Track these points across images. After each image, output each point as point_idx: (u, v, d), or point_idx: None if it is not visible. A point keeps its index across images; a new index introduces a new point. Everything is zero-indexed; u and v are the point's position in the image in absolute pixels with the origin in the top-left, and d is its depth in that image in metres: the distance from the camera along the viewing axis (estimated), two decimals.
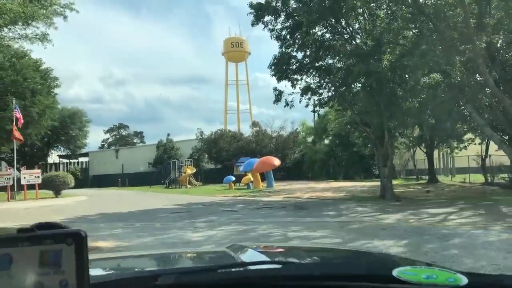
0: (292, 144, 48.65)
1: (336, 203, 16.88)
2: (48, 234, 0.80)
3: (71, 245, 0.79)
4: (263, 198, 20.37)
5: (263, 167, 29.61)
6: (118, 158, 58.69)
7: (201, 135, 50.88)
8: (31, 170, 25.05)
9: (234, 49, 74.98)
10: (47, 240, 0.79)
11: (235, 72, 77.46)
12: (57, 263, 0.79)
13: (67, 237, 0.80)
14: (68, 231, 0.81)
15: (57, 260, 0.79)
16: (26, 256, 0.78)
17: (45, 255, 0.79)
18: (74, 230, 0.81)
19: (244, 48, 75.82)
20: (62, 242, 0.79)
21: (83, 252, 0.80)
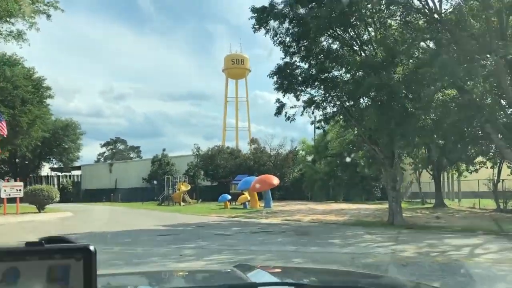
0: (291, 162, 47.09)
1: (341, 229, 15.27)
2: (57, 249, 0.79)
3: (80, 260, 0.77)
4: (260, 220, 18.73)
5: (261, 186, 27.99)
6: (111, 172, 56.96)
7: (197, 151, 49.32)
8: (13, 183, 23.41)
9: (235, 66, 74.12)
10: (56, 254, 0.77)
11: (235, 89, 76.44)
12: (65, 278, 0.76)
13: (76, 252, 0.78)
14: (77, 245, 0.79)
15: (65, 275, 0.76)
16: (34, 270, 0.76)
17: (53, 270, 0.76)
18: (83, 244, 0.78)
19: (244, 65, 74.95)
20: (70, 257, 0.77)
21: (92, 268, 0.77)
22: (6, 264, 0.77)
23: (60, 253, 0.78)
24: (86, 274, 0.77)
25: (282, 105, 18.66)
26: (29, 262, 0.77)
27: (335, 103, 18.81)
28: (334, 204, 34.51)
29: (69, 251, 0.78)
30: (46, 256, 0.77)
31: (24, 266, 0.77)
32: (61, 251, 0.78)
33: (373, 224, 16.95)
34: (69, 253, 0.78)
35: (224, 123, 76.60)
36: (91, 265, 0.78)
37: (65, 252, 0.78)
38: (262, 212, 23.59)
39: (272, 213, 23.17)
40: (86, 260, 0.78)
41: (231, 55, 74.88)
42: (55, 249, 0.79)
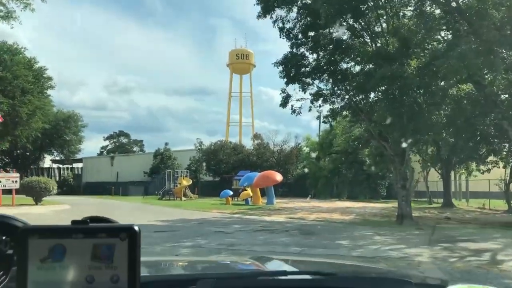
0: (295, 159, 46.28)
1: (348, 228, 14.48)
2: (102, 228, 0.80)
3: (124, 240, 0.78)
4: (262, 218, 17.96)
5: (264, 182, 27.24)
6: (113, 165, 56.29)
7: (200, 146, 48.60)
8: (8, 174, 22.68)
9: (239, 61, 73.59)
10: (101, 233, 0.78)
11: (239, 84, 75.82)
12: (109, 257, 0.78)
13: (121, 232, 0.78)
14: (122, 225, 0.80)
15: (109, 254, 0.78)
16: (79, 248, 0.78)
17: (97, 248, 0.78)
18: (128, 225, 0.79)
19: (249, 60, 74.34)
20: (115, 236, 0.78)
21: (136, 248, 0.78)
22: (53, 240, 0.78)
23: (105, 232, 0.78)
24: (131, 253, 0.78)
25: (288, 96, 17.87)
26: (75, 239, 0.78)
27: (344, 97, 18.02)
28: (338, 202, 33.74)
29: (114, 230, 0.79)
30: (92, 235, 0.78)
31: (70, 244, 0.78)
32: (106, 230, 0.79)
33: (381, 224, 16.15)
34: (114, 233, 0.78)
35: (228, 119, 75.98)
36: (135, 245, 0.78)
37: (110, 231, 0.79)
38: (265, 209, 22.83)
39: (275, 210, 22.41)
40: (131, 240, 0.78)
41: (236, 50, 74.16)
42: (101, 228, 0.80)
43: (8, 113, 33.80)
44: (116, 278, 0.78)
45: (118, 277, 0.78)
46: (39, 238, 0.79)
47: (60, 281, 0.79)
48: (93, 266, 0.78)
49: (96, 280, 0.78)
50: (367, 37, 16.23)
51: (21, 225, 0.91)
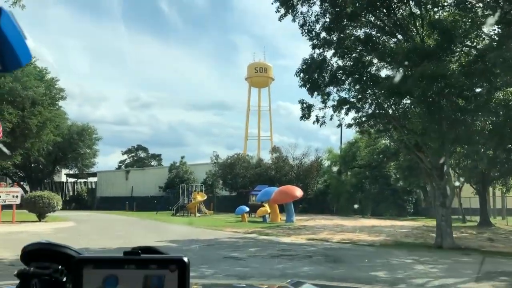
0: (316, 173, 44.10)
1: (381, 253, 12.40)
2: (153, 259, 0.82)
3: (174, 271, 0.80)
4: (281, 238, 15.94)
5: (283, 198, 25.25)
6: (128, 179, 54.94)
7: (216, 159, 46.86)
8: (9, 188, 21.30)
9: (258, 74, 72.79)
10: (152, 264, 0.81)
11: (258, 97, 74.83)
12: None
13: (171, 263, 0.81)
14: (172, 257, 0.82)
15: (159, 285, 0.79)
16: (131, 279, 0.80)
17: (148, 279, 0.80)
18: (178, 256, 0.82)
19: (268, 73, 73.45)
20: (165, 268, 0.80)
21: (186, 279, 0.80)
22: (106, 271, 0.81)
23: (155, 263, 0.81)
24: (180, 284, 0.79)
25: (310, 106, 15.99)
26: (127, 270, 0.81)
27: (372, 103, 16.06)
28: (362, 219, 31.46)
29: (165, 261, 0.81)
30: (143, 266, 0.80)
31: (122, 274, 0.81)
32: (157, 262, 0.81)
33: (418, 248, 14.00)
34: (164, 264, 0.80)
35: (246, 132, 74.64)
36: (184, 276, 0.80)
37: (160, 263, 0.81)
38: (283, 228, 20.80)
39: (294, 229, 20.37)
40: (181, 271, 0.80)
41: (254, 63, 73.31)
42: (152, 259, 0.81)
43: (17, 125, 32.72)
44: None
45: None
46: (93, 268, 0.81)
47: None
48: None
49: None
50: (399, 33, 14.29)
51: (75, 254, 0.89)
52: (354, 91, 16.25)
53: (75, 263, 0.82)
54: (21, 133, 33.32)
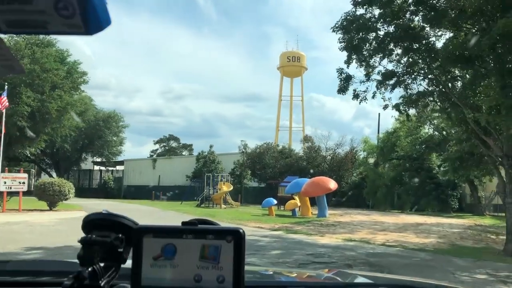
0: (350, 165, 41.16)
1: (440, 262, 9.74)
2: (211, 229, 0.85)
3: (230, 242, 0.83)
4: (312, 238, 13.40)
5: (314, 190, 22.68)
6: (155, 168, 53.49)
7: (244, 148, 44.59)
8: (14, 174, 19.59)
9: (291, 63, 70.28)
10: (209, 235, 0.83)
11: (290, 87, 72.43)
12: (215, 258, 0.82)
13: (228, 234, 0.83)
14: (228, 228, 0.85)
15: (216, 255, 0.82)
16: (189, 248, 0.84)
17: (206, 249, 0.83)
18: (234, 227, 0.85)
19: (301, 63, 70.77)
20: (222, 238, 0.83)
21: (241, 250, 0.82)
22: (165, 240, 0.84)
23: (213, 233, 0.83)
24: (236, 255, 0.82)
25: (348, 78, 13.39)
26: (185, 240, 0.84)
27: (425, 77, 13.30)
28: (402, 215, 28.51)
29: (221, 232, 0.83)
30: (201, 236, 0.84)
31: (180, 243, 0.84)
32: (214, 232, 0.84)
33: (483, 254, 11.23)
34: (221, 234, 0.83)
35: (278, 122, 72.30)
36: (240, 247, 0.82)
37: (217, 233, 0.83)
38: (315, 224, 18.27)
39: (328, 226, 17.81)
40: (237, 243, 0.83)
41: (286, 52, 70.89)
42: (209, 229, 0.84)
43: (37, 109, 31.36)
44: (222, 279, 0.82)
45: (223, 277, 0.82)
46: (153, 237, 0.85)
47: (171, 278, 0.83)
48: (201, 266, 0.83)
49: (203, 279, 0.82)
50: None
51: (132, 225, 0.92)
52: (403, 64, 13.56)
53: (136, 232, 0.85)
54: (41, 118, 31.97)
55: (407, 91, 13.60)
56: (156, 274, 0.84)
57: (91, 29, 0.63)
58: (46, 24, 0.62)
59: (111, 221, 0.95)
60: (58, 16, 0.60)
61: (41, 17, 0.61)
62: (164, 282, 0.84)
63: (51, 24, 0.62)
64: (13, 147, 35.72)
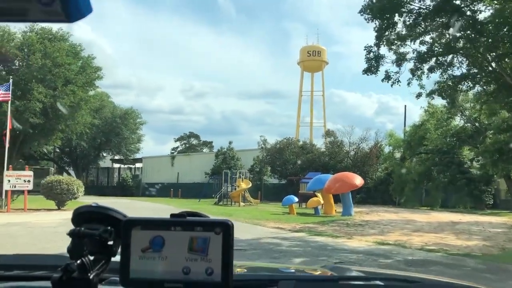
0: (375, 160, 39.25)
1: (494, 270, 8.11)
2: (199, 221, 0.84)
3: (219, 234, 0.82)
4: (339, 241, 11.80)
5: (339, 187, 21.05)
6: (173, 165, 52.47)
7: (264, 144, 43.11)
8: (19, 172, 18.55)
9: (311, 58, 68.83)
10: (197, 227, 0.83)
11: (311, 82, 71.09)
12: (204, 250, 0.82)
13: (216, 226, 0.83)
14: (217, 220, 0.85)
15: (204, 247, 0.82)
16: (177, 240, 0.83)
17: (194, 241, 0.83)
18: (222, 219, 0.84)
19: (321, 57, 69.22)
20: (210, 230, 0.83)
21: (230, 242, 0.82)
22: (153, 232, 0.84)
23: (201, 225, 0.83)
24: (225, 247, 0.82)
25: (378, 57, 11.78)
26: (173, 232, 0.83)
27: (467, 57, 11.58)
28: (433, 212, 26.68)
29: (210, 224, 0.83)
30: (189, 228, 0.83)
31: (169, 236, 0.83)
32: (202, 224, 0.83)
33: None
34: (209, 226, 0.83)
35: (298, 119, 70.78)
36: (229, 239, 0.82)
37: (206, 225, 0.83)
38: (340, 224, 16.67)
39: (354, 225, 16.19)
40: (225, 234, 0.82)
41: (307, 46, 69.40)
42: (197, 221, 0.84)
43: (50, 105, 30.48)
44: (210, 271, 0.81)
45: (212, 270, 0.81)
46: (141, 229, 0.84)
47: (159, 270, 0.83)
48: (190, 258, 0.82)
49: (192, 271, 0.82)
50: None
51: (122, 218, 0.91)
52: (440, 45, 11.89)
53: (125, 224, 0.85)
54: (54, 114, 31.09)
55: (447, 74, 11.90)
56: (145, 266, 0.83)
57: (72, 17, 0.63)
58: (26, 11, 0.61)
59: (100, 214, 0.93)
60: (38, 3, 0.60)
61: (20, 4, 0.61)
62: (152, 274, 0.83)
63: (30, 11, 0.61)
64: (28, 144, 35.08)
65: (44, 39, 30.90)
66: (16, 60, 31.33)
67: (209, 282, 0.82)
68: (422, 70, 12.36)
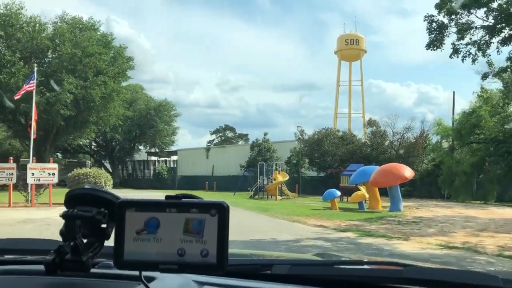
0: (421, 150, 36.66)
1: None
2: (194, 203, 0.83)
3: (214, 216, 0.82)
4: (395, 245, 9.96)
5: (386, 180, 19.03)
6: (208, 158, 51.50)
7: (301, 135, 41.25)
8: (43, 165, 17.56)
9: (349, 46, 66.65)
10: (193, 208, 0.82)
11: (349, 72, 69.05)
12: (199, 232, 0.82)
13: (212, 208, 0.82)
14: (212, 202, 0.83)
15: (200, 229, 0.82)
16: (172, 222, 0.82)
17: (189, 223, 0.82)
18: (218, 201, 0.83)
19: (359, 46, 66.92)
20: (206, 212, 0.82)
21: (225, 224, 0.82)
22: (148, 214, 0.82)
23: (197, 207, 0.82)
24: (220, 229, 0.81)
25: (443, 27, 9.81)
26: (168, 213, 0.82)
27: None
28: (490, 207, 24.35)
29: (205, 206, 0.82)
30: (184, 209, 0.82)
31: (164, 217, 0.82)
32: (198, 206, 0.82)
33: None
34: (205, 208, 0.82)
35: (336, 109, 68.52)
36: (224, 221, 0.81)
37: (201, 207, 0.82)
38: (390, 221, 14.75)
39: (407, 223, 14.24)
40: (221, 216, 0.81)
41: (344, 35, 67.17)
42: (193, 203, 0.83)
43: (82, 97, 29.79)
44: (205, 253, 0.81)
45: (207, 251, 0.81)
46: (135, 210, 0.83)
47: (154, 252, 0.82)
48: (185, 240, 0.82)
49: (187, 253, 0.81)
50: None
51: (115, 199, 0.89)
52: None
53: (118, 205, 0.84)
54: (86, 106, 30.42)
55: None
56: (139, 248, 0.82)
57: None
58: None
59: (93, 196, 0.91)
60: None
61: None
62: (147, 256, 0.82)
63: None
64: (61, 137, 34.72)
65: (75, 28, 30.20)
66: (48, 51, 30.83)
67: (204, 263, 0.81)
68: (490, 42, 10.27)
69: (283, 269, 1.12)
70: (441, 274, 1.16)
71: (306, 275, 1.13)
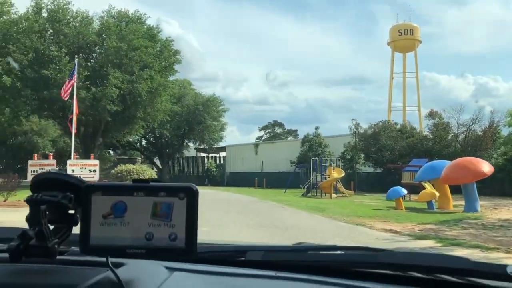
0: (490, 144, 33.31)
1: None
2: (162, 186, 0.82)
3: (183, 199, 0.81)
4: (495, 259, 7.89)
5: (461, 176, 16.60)
6: (257, 154, 50.03)
7: (356, 128, 38.85)
8: (83, 161, 16.65)
9: (402, 37, 63.69)
10: (161, 192, 0.81)
11: (403, 63, 65.72)
12: (168, 216, 0.81)
13: (180, 191, 0.81)
14: (181, 185, 0.82)
15: (168, 213, 0.81)
16: (140, 205, 0.81)
17: (157, 206, 0.81)
18: (187, 184, 0.82)
19: (414, 35, 63.83)
20: (174, 195, 0.81)
21: (194, 208, 0.81)
22: (115, 197, 0.81)
23: (165, 191, 0.81)
24: (189, 213, 0.80)
25: None
26: (136, 197, 0.81)
27: None
28: None
29: (174, 189, 0.81)
30: (152, 193, 0.81)
31: (131, 201, 0.81)
32: (166, 189, 0.81)
33: None
34: (173, 192, 0.81)
35: (389, 102, 65.37)
36: (193, 205, 0.81)
37: (169, 190, 0.81)
38: (472, 224, 12.47)
39: (495, 228, 11.90)
40: (189, 200, 0.81)
41: (398, 25, 64.26)
42: (161, 186, 0.82)
43: (128, 92, 29.11)
44: (174, 236, 0.80)
45: (176, 235, 0.80)
46: (102, 194, 0.81)
47: (121, 236, 0.81)
48: (153, 224, 0.80)
49: (155, 237, 0.80)
50: None
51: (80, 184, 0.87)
52: None
53: (84, 189, 0.82)
54: (133, 101, 29.74)
55: None
56: (106, 233, 0.81)
57: None
58: None
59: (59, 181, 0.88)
60: None
61: None
62: (114, 241, 0.81)
63: None
64: (110, 133, 34.39)
65: (121, 21, 29.55)
66: (95, 46, 30.41)
67: (173, 247, 0.80)
68: None
69: (257, 255, 1.11)
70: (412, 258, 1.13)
71: (280, 261, 1.12)
